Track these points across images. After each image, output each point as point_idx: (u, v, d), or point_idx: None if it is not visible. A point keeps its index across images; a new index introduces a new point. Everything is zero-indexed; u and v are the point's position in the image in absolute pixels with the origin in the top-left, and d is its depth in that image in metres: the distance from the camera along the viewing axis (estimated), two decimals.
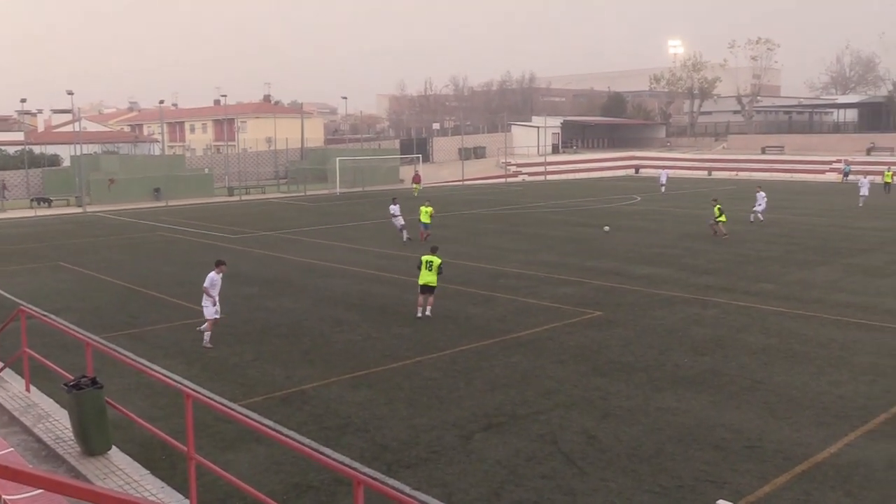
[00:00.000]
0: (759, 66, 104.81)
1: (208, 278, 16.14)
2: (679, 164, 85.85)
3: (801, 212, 42.88)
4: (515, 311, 19.20)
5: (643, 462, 10.43)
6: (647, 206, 47.74)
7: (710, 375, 14.05)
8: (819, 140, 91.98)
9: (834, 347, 15.77)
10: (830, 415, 12.07)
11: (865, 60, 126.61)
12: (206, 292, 16.09)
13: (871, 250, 28.47)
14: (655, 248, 29.22)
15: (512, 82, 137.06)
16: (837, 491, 9.57)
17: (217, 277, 16.19)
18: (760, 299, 20.32)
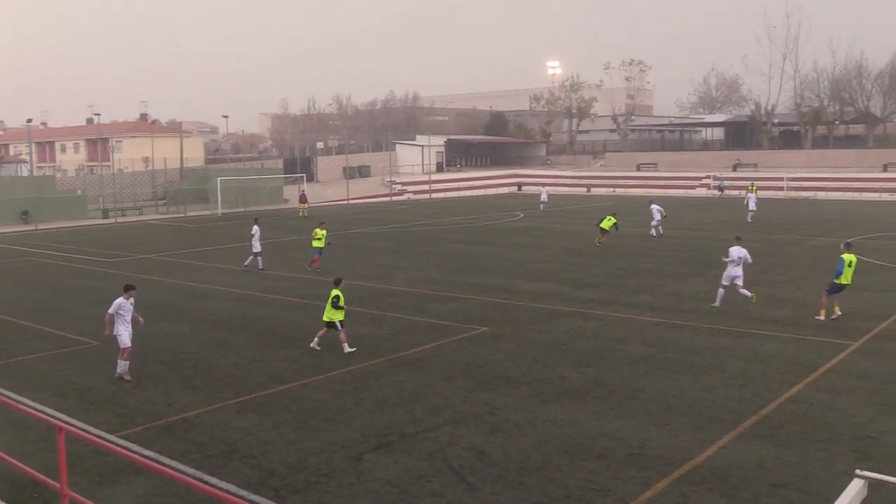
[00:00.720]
0: (632, 86, 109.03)
1: (115, 304, 15.22)
2: (559, 181, 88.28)
3: (674, 226, 44.75)
4: (403, 329, 19.22)
5: (531, 474, 10.60)
6: (529, 222, 48.80)
7: (593, 386, 14.44)
8: (690, 157, 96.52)
9: (707, 355, 16.50)
10: (706, 419, 12.60)
11: (730, 81, 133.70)
12: (112, 319, 15.15)
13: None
14: (538, 264, 29.88)
15: (396, 101, 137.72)
16: (714, 492, 9.99)
17: (126, 303, 15.34)
18: (639, 311, 21.07)
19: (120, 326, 15.21)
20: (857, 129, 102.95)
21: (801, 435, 11.87)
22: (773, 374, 14.96)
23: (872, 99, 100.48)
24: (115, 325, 15.21)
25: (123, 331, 15.23)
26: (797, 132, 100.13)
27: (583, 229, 43.51)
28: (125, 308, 15.29)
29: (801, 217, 50.05)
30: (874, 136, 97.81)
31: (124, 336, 15.23)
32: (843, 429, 12.10)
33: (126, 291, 15.58)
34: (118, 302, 15.25)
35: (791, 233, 40.19)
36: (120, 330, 15.21)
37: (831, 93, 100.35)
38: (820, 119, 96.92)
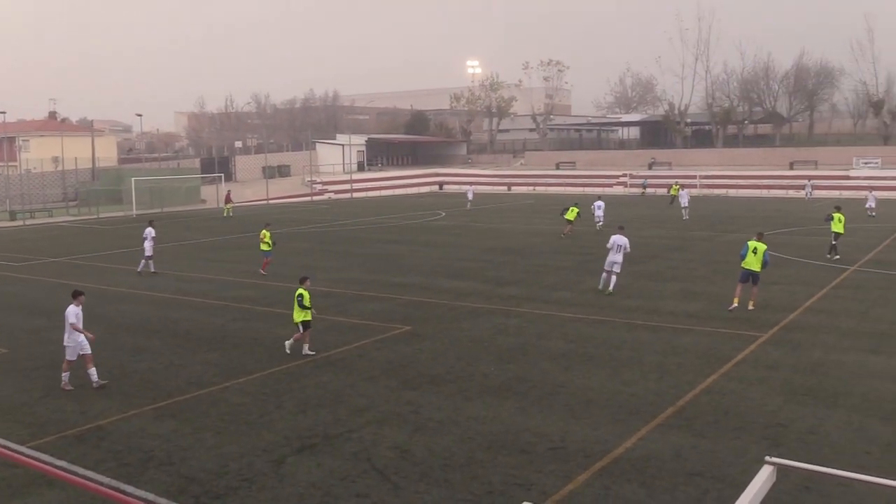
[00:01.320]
0: (551, 86, 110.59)
1: (71, 313, 14.51)
2: (480, 180, 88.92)
3: (592, 223, 45.57)
4: (325, 330, 19.05)
5: (455, 471, 10.66)
6: (451, 221, 49.03)
7: (515, 382, 14.60)
8: (607, 156, 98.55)
9: (625, 349, 16.87)
10: (625, 412, 12.88)
11: (645, 82, 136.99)
12: (73, 328, 14.47)
13: (656, 257, 30.76)
14: (460, 262, 30.04)
15: (315, 100, 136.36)
16: (633, 483, 10.22)
17: (79, 310, 14.68)
18: (559, 307, 21.40)
19: (71, 336, 14.55)
20: (765, 128, 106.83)
21: (715, 424, 12.25)
22: (689, 367, 15.40)
23: (779, 99, 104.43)
24: (70, 334, 14.55)
25: (79, 338, 14.56)
26: (709, 131, 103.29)
27: (504, 228, 43.97)
28: (80, 316, 14.68)
29: (714, 214, 51.62)
30: (781, 135, 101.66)
31: (85, 343, 14.56)
32: (754, 417, 12.54)
33: (75, 298, 14.91)
34: (73, 310, 14.59)
35: (704, 229, 41.42)
36: (79, 338, 14.55)
37: (741, 93, 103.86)
38: (730, 119, 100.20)
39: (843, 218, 30.06)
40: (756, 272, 20.45)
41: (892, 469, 10.41)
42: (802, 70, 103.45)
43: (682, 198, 49.44)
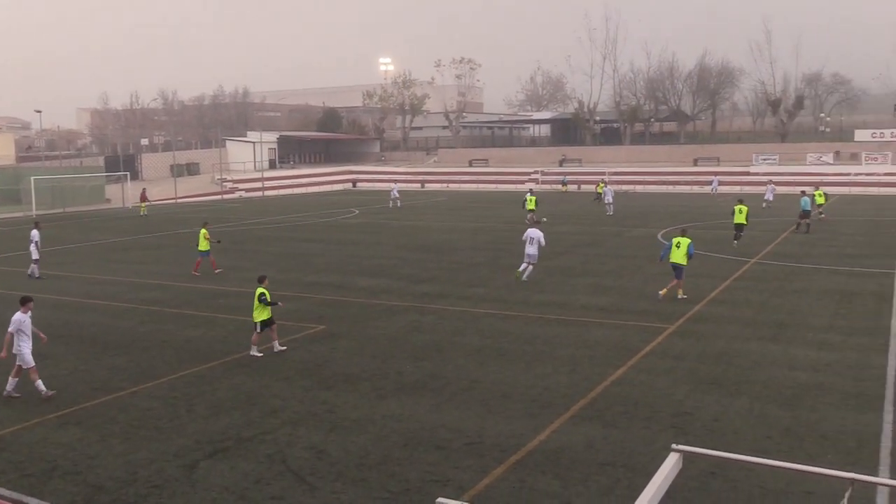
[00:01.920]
0: (463, 84, 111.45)
1: (14, 321, 13.77)
2: (394, 177, 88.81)
3: (506, 220, 46.14)
4: (237, 331, 18.72)
5: (372, 470, 10.63)
6: (365, 219, 48.85)
7: (430, 379, 14.65)
8: (519, 153, 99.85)
9: (538, 343, 17.13)
10: (538, 405, 13.09)
11: (555, 80, 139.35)
12: (11, 338, 13.69)
13: (567, 252, 31.33)
14: (374, 260, 29.96)
15: (225, 97, 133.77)
16: (548, 475, 10.40)
17: (26, 318, 13.89)
18: (473, 303, 21.57)
19: (22, 344, 13.79)
20: (670, 126, 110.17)
21: (625, 415, 12.57)
22: (600, 359, 15.75)
23: (683, 98, 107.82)
24: (16, 343, 13.81)
25: (26, 348, 13.81)
26: (617, 129, 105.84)
27: (418, 225, 44.05)
28: (25, 324, 13.92)
29: (622, 209, 52.84)
30: (685, 132, 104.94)
31: (27, 354, 13.81)
32: (662, 407, 12.92)
33: (23, 305, 14.16)
34: (17, 318, 13.85)
35: (613, 225, 42.40)
36: (22, 348, 13.79)
37: (647, 92, 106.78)
38: (637, 117, 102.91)
39: (744, 209, 31.90)
40: (679, 265, 21.36)
41: (790, 452, 10.90)
42: (705, 70, 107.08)
43: (606, 194, 50.54)
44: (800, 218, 37.55)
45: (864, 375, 14.42)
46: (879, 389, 13.61)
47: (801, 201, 37.95)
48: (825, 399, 13.16)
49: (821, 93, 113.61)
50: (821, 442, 11.35)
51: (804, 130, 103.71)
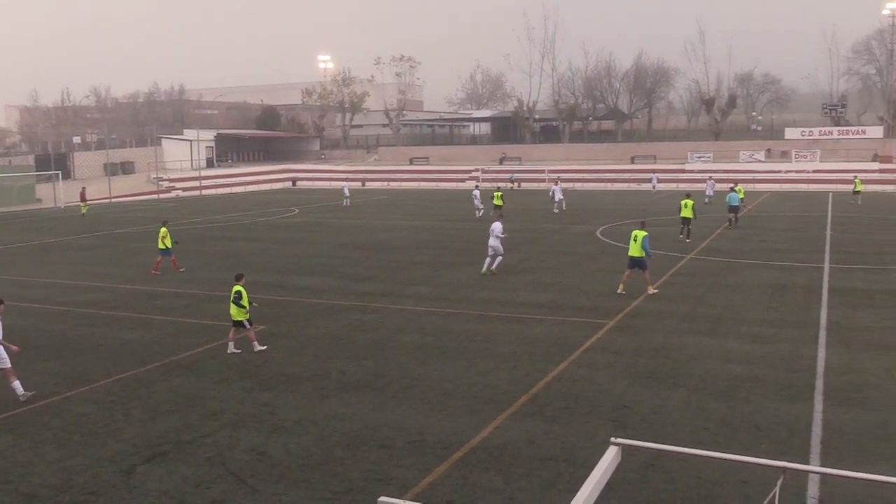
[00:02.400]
0: (403, 82, 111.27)
1: None
2: (334, 175, 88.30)
3: (447, 218, 46.26)
4: (175, 333, 18.39)
5: (314, 470, 10.56)
6: (305, 217, 48.44)
7: (372, 378, 14.60)
8: (459, 151, 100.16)
9: (480, 340, 17.22)
10: (480, 402, 13.16)
11: (495, 78, 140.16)
12: None
13: (509, 250, 31.46)
14: (315, 259, 29.73)
15: (160, 94, 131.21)
16: (490, 471, 10.46)
17: None
18: (415, 301, 21.57)
19: None
20: (608, 124, 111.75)
21: (566, 410, 12.71)
22: (541, 355, 15.90)
23: (620, 97, 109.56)
24: None
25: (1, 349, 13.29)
26: (556, 127, 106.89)
27: (359, 224, 43.86)
28: None
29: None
30: (622, 131, 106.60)
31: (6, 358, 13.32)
32: (602, 401, 13.11)
33: None
34: None
35: (552, 221, 42.82)
36: None
37: (585, 91, 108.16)
38: (576, 115, 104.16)
39: (689, 203, 33.21)
40: (639, 258, 21.83)
41: (726, 443, 11.16)
42: (641, 69, 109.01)
43: (555, 193, 50.99)
44: (729, 213, 38.71)
45: (795, 367, 14.84)
46: (810, 380, 14.02)
47: (728, 197, 39.13)
48: (759, 390, 13.52)
49: (752, 92, 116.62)
50: (755, 432, 11.65)
51: (737, 129, 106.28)
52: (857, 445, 11.10)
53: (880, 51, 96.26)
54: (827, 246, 31.23)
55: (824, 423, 11.97)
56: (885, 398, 13.01)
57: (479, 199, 45.87)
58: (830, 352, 15.79)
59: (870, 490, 9.52)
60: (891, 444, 11.10)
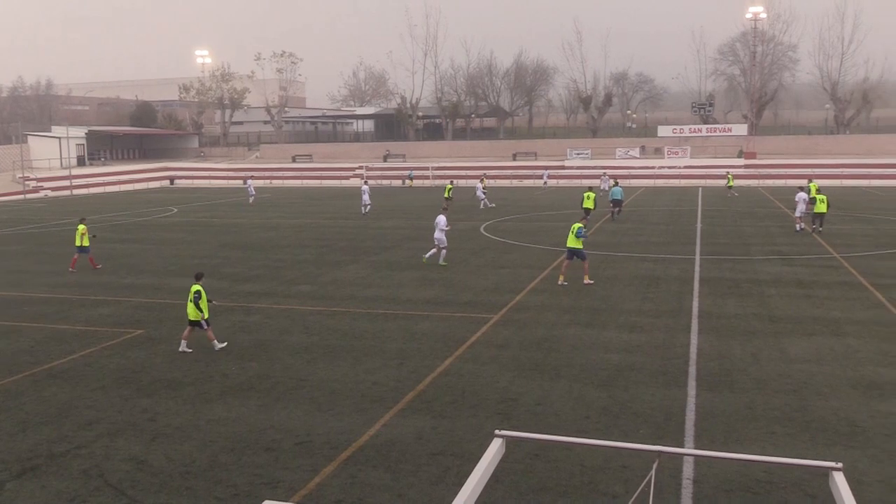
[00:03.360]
0: (284, 78, 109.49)
1: None
2: (214, 174, 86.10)
3: (330, 216, 45.88)
4: (46, 340, 17.52)
5: (198, 478, 10.28)
6: (184, 217, 47.02)
7: (257, 380, 14.34)
8: (343, 148, 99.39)
9: (367, 338, 17.18)
10: (368, 400, 13.13)
11: (378, 75, 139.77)
12: None
13: (394, 247, 31.57)
14: (195, 260, 28.90)
15: (26, 89, 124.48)
16: (379, 468, 10.46)
17: None
18: (300, 301, 21.30)
19: None
20: (490, 121, 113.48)
21: (453, 404, 12.85)
22: (427, 351, 16.00)
23: (501, 95, 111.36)
24: None
25: None
26: (439, 124, 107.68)
27: (241, 222, 42.93)
28: None
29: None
30: (504, 128, 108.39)
31: None
32: (488, 394, 13.32)
33: None
34: None
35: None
36: None
37: (467, 88, 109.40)
38: (458, 112, 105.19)
39: (591, 196, 37.67)
40: (576, 248, 22.76)
41: (607, 430, 11.55)
42: (521, 68, 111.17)
43: (477, 189, 51.23)
44: (612, 206, 40.28)
45: (670, 354, 15.50)
46: (684, 366, 14.68)
47: (612, 191, 40.90)
48: (637, 378, 14.04)
49: (627, 91, 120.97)
50: (634, 419, 12.10)
51: (613, 126, 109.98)
52: (727, 427, 11.70)
53: (744, 52, 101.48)
54: (698, 239, 32.74)
55: (697, 407, 12.56)
56: (751, 381, 13.77)
57: (367, 196, 45.66)
58: (702, 339, 16.57)
59: (740, 469, 10.06)
60: (757, 425, 11.75)
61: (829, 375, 14.03)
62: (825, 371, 14.28)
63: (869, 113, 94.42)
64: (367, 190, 46.50)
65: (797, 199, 34.90)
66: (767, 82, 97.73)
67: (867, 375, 14.01)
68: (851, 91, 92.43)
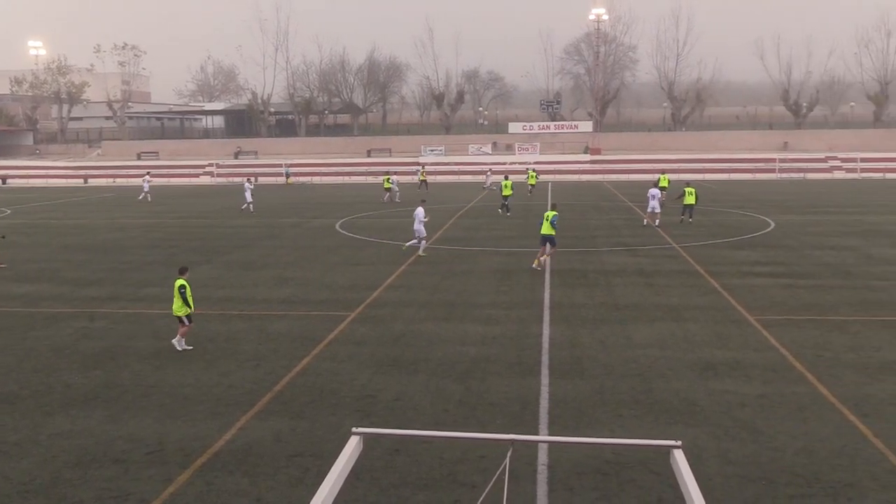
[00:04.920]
0: (127, 72, 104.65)
1: None
2: (51, 172, 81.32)
3: (179, 215, 44.31)
4: None
5: (38, 496, 9.69)
6: (20, 219, 44.13)
7: (103, 389, 13.66)
8: (191, 145, 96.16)
9: (220, 341, 16.71)
10: (223, 404, 12.78)
11: (227, 70, 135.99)
12: None
13: (247, 246, 30.85)
14: (34, 264, 27.19)
15: None
16: (236, 474, 10.21)
17: None
18: (148, 304, 20.47)
19: None
20: (344, 118, 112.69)
21: (311, 404, 12.71)
22: (284, 351, 15.75)
23: (355, 91, 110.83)
24: None
25: None
26: (292, 121, 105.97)
27: (83, 224, 40.75)
28: None
29: (300, 201, 53.21)
30: (358, 125, 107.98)
31: None
32: (347, 392, 13.26)
33: None
34: None
35: (290, 216, 42.46)
36: None
37: (320, 84, 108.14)
38: (311, 109, 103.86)
39: (508, 184, 42.22)
40: (549, 236, 24.13)
41: (465, 422, 11.75)
42: (375, 64, 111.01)
43: (393, 185, 51.29)
44: (504, 200, 42.58)
45: (524, 345, 15.95)
46: (537, 356, 15.14)
47: (502, 184, 43.45)
48: (493, 369, 14.37)
49: (479, 88, 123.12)
50: (490, 409, 12.37)
51: (466, 123, 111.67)
52: (579, 412, 12.17)
53: (588, 52, 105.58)
54: None
55: (550, 394, 12.99)
56: (600, 367, 14.38)
57: (250, 193, 44.68)
58: (553, 329, 17.16)
59: (591, 452, 10.50)
60: (606, 409, 12.29)
61: (671, 359, 14.85)
62: (667, 355, 15.11)
63: (702, 111, 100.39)
64: (251, 188, 45.20)
65: (650, 195, 35.76)
66: (610, 81, 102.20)
67: (704, 357, 14.93)
68: (686, 90, 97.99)
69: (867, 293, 20.51)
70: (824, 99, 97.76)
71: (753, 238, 31.17)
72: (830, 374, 13.82)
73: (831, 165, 76.18)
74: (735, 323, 17.51)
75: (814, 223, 35.92)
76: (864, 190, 57.91)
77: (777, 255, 26.82)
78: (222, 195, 59.88)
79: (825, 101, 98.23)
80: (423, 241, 27.31)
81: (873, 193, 54.15)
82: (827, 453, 10.58)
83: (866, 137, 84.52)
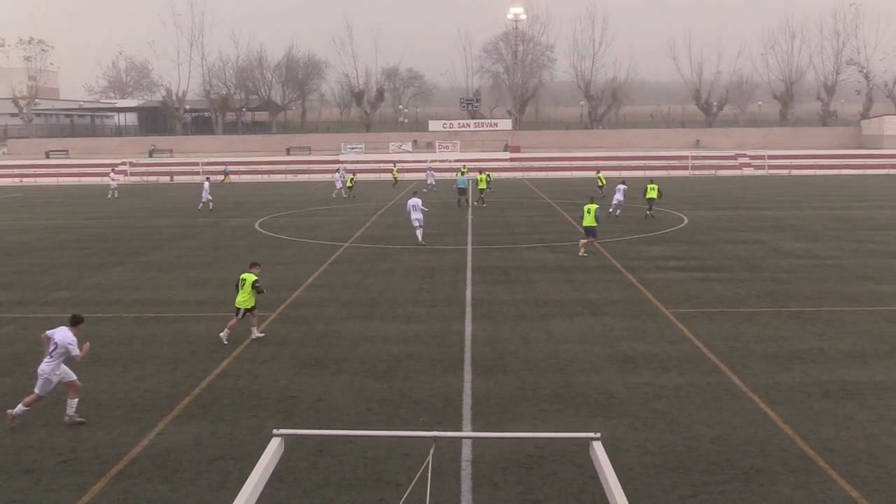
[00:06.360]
0: (34, 67, 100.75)
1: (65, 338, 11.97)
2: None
3: (92, 215, 42.96)
4: None
5: None
6: None
7: (12, 398, 13.12)
8: (103, 143, 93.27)
9: (136, 344, 16.27)
10: (139, 409, 12.45)
11: (140, 66, 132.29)
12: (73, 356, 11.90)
13: (163, 246, 30.11)
14: None
15: None
16: (154, 480, 9.96)
17: None
18: (59, 308, 19.75)
19: None
20: (262, 115, 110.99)
21: (232, 407, 12.50)
22: (203, 354, 15.43)
23: (273, 88, 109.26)
24: None
25: None
26: (209, 118, 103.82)
27: None
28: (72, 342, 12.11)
29: (219, 200, 52.17)
30: (277, 122, 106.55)
31: None
32: (269, 394, 13.08)
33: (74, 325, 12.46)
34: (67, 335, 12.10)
35: (209, 216, 41.58)
36: None
37: (237, 81, 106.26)
38: (228, 106, 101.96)
39: (483, 178, 44.94)
40: (592, 227, 26.00)
41: (389, 421, 11.73)
42: (293, 61, 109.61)
43: (336, 181, 52.72)
44: (459, 195, 43.79)
45: (447, 342, 16.02)
46: (460, 353, 15.23)
47: (459, 180, 44.67)
48: (416, 367, 14.39)
49: (399, 86, 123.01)
50: (414, 407, 12.38)
51: (386, 121, 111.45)
52: (501, 408, 12.29)
53: (507, 51, 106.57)
54: (469, 229, 34.05)
55: (473, 391, 13.08)
56: (521, 363, 14.56)
57: (208, 192, 43.74)
58: (475, 325, 17.28)
59: (514, 446, 10.61)
60: (528, 404, 12.45)
61: (590, 353, 15.14)
62: (587, 349, 15.40)
63: (618, 109, 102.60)
64: (208, 186, 43.95)
65: (617, 189, 38.51)
66: (528, 80, 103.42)
67: (622, 351, 15.27)
68: (602, 89, 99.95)
69: (775, 285, 21.32)
70: (733, 98, 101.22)
71: (668, 233, 32.03)
72: (742, 365, 14.32)
73: (741, 163, 78.89)
74: (651, 317, 17.96)
75: (725, 218, 37.14)
76: (772, 186, 60.17)
77: (691, 249, 27.63)
78: (137, 195, 58.29)
79: (734, 100, 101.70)
80: (419, 229, 29.11)
81: (780, 189, 56.31)
82: (740, 441, 10.96)
83: (773, 135, 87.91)
